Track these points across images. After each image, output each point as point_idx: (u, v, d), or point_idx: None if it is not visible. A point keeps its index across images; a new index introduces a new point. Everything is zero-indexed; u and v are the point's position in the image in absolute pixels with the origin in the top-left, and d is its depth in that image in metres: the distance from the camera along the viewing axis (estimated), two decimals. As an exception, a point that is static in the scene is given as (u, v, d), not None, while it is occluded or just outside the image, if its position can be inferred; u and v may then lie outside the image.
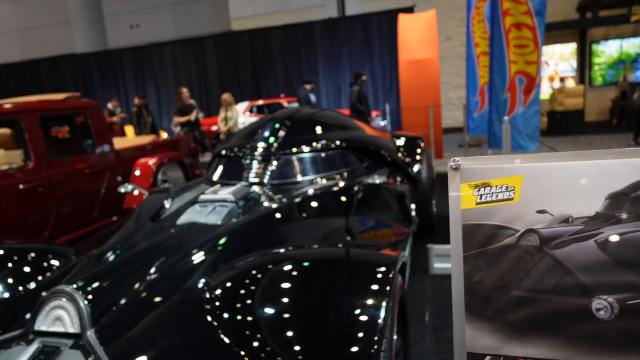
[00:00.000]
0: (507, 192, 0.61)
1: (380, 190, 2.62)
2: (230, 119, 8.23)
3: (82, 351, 1.28)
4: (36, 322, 1.38)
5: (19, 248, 1.94)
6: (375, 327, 1.20)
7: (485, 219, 0.63)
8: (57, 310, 1.37)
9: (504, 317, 0.60)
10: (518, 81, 6.33)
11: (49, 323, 1.37)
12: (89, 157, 4.68)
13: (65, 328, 1.35)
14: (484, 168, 0.61)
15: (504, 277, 0.61)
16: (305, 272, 1.45)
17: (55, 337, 1.35)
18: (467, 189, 0.63)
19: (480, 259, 0.62)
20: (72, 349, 1.30)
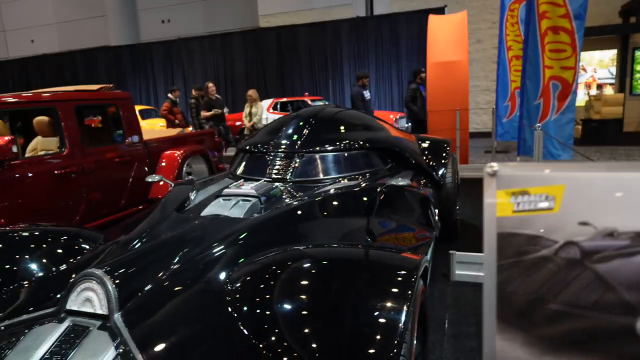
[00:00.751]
0: (547, 201, 0.58)
1: (404, 193, 2.60)
2: (255, 115, 8.29)
3: (109, 332, 1.33)
4: (68, 301, 1.44)
5: (53, 230, 2.01)
6: (396, 331, 1.19)
7: (521, 228, 0.60)
8: (87, 292, 1.43)
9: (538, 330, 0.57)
10: (552, 87, 6.15)
11: (79, 303, 1.42)
12: (119, 147, 4.80)
13: (94, 309, 1.40)
14: (523, 175, 0.59)
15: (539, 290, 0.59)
16: (326, 271, 1.45)
17: (85, 317, 1.41)
18: (504, 196, 0.61)
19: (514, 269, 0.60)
20: (99, 329, 1.35)
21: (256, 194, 2.31)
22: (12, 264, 1.76)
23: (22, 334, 1.38)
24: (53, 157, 4.08)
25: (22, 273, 1.73)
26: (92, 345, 1.30)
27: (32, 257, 1.78)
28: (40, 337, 1.35)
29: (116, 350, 1.27)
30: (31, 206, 3.79)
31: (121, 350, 1.27)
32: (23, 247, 1.83)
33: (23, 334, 1.37)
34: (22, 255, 1.79)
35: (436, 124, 6.60)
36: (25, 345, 1.33)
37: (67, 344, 1.30)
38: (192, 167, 5.70)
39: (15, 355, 1.29)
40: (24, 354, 1.29)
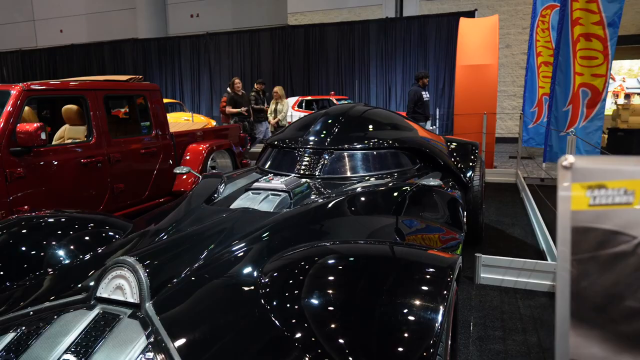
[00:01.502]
0: (626, 195, 0.56)
1: (434, 193, 2.56)
2: (280, 112, 8.32)
3: (140, 321, 1.31)
4: (98, 289, 1.41)
5: (81, 217, 2.03)
6: (433, 330, 1.15)
7: (597, 222, 0.58)
8: (119, 279, 1.41)
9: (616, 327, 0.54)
10: (582, 94, 6.01)
11: (110, 291, 1.40)
12: (146, 138, 4.86)
13: (125, 297, 1.39)
14: (600, 168, 0.56)
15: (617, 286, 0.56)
16: (360, 267, 1.41)
17: (115, 304, 1.40)
18: (579, 189, 0.58)
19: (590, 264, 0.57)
20: (130, 318, 1.33)
21: (286, 188, 2.30)
22: (39, 250, 1.76)
23: (50, 320, 1.37)
24: (80, 146, 4.15)
25: (49, 259, 1.73)
26: (122, 333, 1.28)
27: (60, 243, 1.79)
28: (70, 324, 1.34)
29: (147, 339, 1.25)
30: (56, 193, 3.85)
31: (152, 339, 1.25)
32: (51, 234, 1.84)
33: (52, 320, 1.36)
34: (49, 241, 1.79)
35: (463, 127, 6.50)
36: (54, 331, 1.31)
37: (96, 331, 1.29)
38: (216, 161, 5.75)
39: (44, 341, 1.28)
40: (52, 340, 1.28)
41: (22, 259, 1.72)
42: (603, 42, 5.73)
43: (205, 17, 16.14)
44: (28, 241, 1.79)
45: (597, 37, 5.76)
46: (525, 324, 2.49)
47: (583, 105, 5.98)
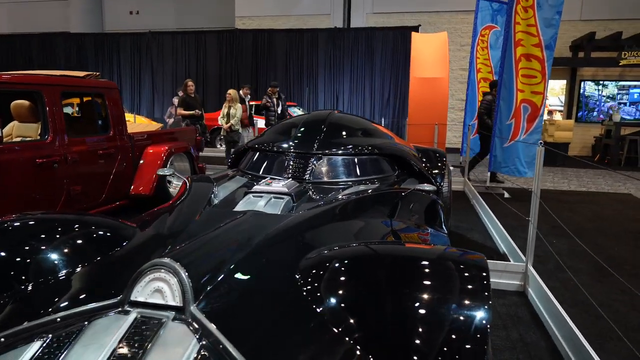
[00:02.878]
0: None
1: (427, 198, 2.69)
2: (233, 117, 8.18)
3: (187, 324, 1.26)
4: (133, 292, 1.34)
5: (89, 220, 1.88)
6: (486, 334, 1.18)
7: None
8: (157, 282, 1.33)
9: None
10: (523, 109, 6.56)
11: (148, 294, 1.33)
12: (104, 138, 4.60)
13: (165, 300, 1.32)
14: None
15: None
16: (400, 267, 1.45)
17: (153, 308, 1.33)
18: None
19: None
20: (175, 321, 1.27)
21: (288, 191, 2.31)
22: (41, 254, 1.62)
23: (81, 326, 1.28)
24: (35, 145, 3.85)
25: (54, 264, 1.59)
26: (170, 337, 1.23)
27: (72, 246, 1.67)
28: (106, 330, 1.26)
29: (199, 341, 1.21)
30: (7, 195, 3.54)
31: (205, 342, 1.21)
32: (54, 237, 1.71)
33: (82, 326, 1.28)
34: (53, 245, 1.65)
35: (415, 136, 6.82)
36: (88, 338, 1.24)
37: (139, 336, 1.22)
38: (174, 165, 5.54)
39: (81, 349, 1.20)
40: (89, 347, 1.20)
41: (21, 264, 1.58)
42: (541, 62, 6.30)
43: (146, 14, 15.48)
44: (29, 245, 1.65)
45: (536, 57, 6.33)
46: (505, 321, 2.69)
47: (524, 120, 6.52)
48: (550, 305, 2.61)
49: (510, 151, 6.71)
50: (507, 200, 6.05)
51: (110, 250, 1.71)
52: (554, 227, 4.45)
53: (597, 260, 3.40)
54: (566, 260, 3.63)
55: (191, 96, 7.77)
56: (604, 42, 11.88)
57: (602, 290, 3.20)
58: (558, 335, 2.40)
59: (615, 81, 12.51)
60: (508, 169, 6.80)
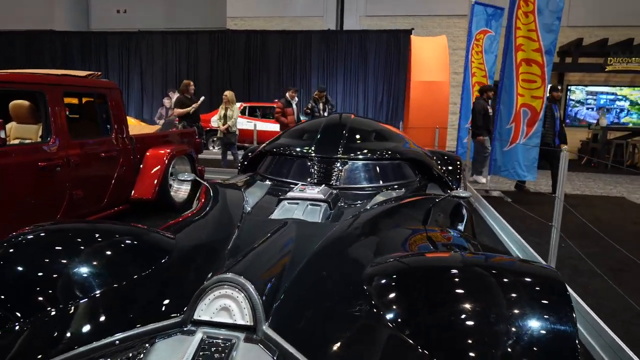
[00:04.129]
0: None
1: (458, 206, 2.65)
2: (230, 118, 8.06)
3: (262, 345, 1.18)
4: (196, 311, 1.26)
5: (121, 230, 1.76)
6: (575, 349, 1.12)
7: None
8: (223, 299, 1.25)
9: None
10: (523, 113, 6.62)
11: (213, 313, 1.25)
12: (106, 141, 4.45)
13: (233, 319, 1.24)
14: None
15: None
16: (472, 278, 1.37)
17: (218, 327, 1.24)
18: None
19: None
20: (247, 342, 1.19)
21: (325, 198, 2.24)
22: (89, 267, 1.49)
23: (142, 348, 1.19)
24: (37, 147, 3.69)
25: (101, 279, 1.45)
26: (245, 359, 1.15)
27: (110, 260, 1.54)
28: (172, 352, 1.17)
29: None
30: (8, 201, 3.37)
31: None
32: (98, 249, 1.57)
33: (144, 348, 1.19)
34: (97, 258, 1.52)
35: (415, 139, 6.81)
36: (155, 359, 1.16)
37: (209, 359, 1.14)
38: (175, 168, 5.40)
39: None
40: None
41: (57, 281, 1.46)
42: (541, 67, 6.36)
43: (134, 13, 15.19)
44: (64, 259, 1.51)
45: (536, 62, 6.39)
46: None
47: (524, 124, 6.57)
48: (581, 311, 2.59)
49: (510, 155, 6.76)
50: (509, 204, 6.07)
51: (151, 263, 1.59)
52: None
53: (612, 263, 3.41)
54: (577, 263, 3.64)
55: (188, 97, 7.61)
56: (591, 49, 12.14)
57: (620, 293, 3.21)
58: (593, 344, 2.38)
59: (601, 86, 12.77)
60: (508, 172, 6.84)
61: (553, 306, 1.24)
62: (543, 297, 1.27)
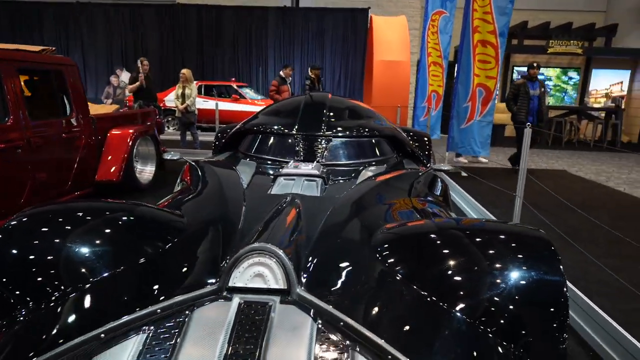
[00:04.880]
0: None
1: (438, 180, 2.79)
2: (189, 97, 7.80)
3: (297, 306, 1.26)
4: (231, 278, 1.30)
5: (144, 208, 1.73)
6: (566, 300, 1.25)
7: None
8: (256, 267, 1.31)
9: None
10: (478, 92, 6.94)
11: (247, 280, 1.31)
12: (67, 121, 4.20)
13: (267, 284, 1.30)
14: None
15: None
16: (471, 240, 1.46)
17: (252, 293, 1.29)
18: None
19: None
20: (283, 304, 1.26)
21: (319, 174, 2.30)
22: (114, 242, 1.48)
23: (183, 315, 1.21)
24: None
25: (128, 254, 1.45)
26: (285, 320, 1.20)
27: (132, 236, 1.52)
28: (214, 317, 1.21)
29: (315, 321, 1.21)
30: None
31: (321, 321, 1.21)
32: (117, 225, 1.56)
33: (185, 315, 1.21)
34: (119, 234, 1.52)
35: (378, 119, 6.97)
36: (198, 327, 1.18)
37: (251, 322, 1.18)
38: (138, 149, 5.20)
39: (194, 337, 1.14)
40: (203, 335, 1.15)
41: (90, 255, 1.42)
42: (495, 49, 6.67)
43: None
44: (92, 234, 1.47)
45: (491, 44, 6.68)
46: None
47: (479, 102, 6.89)
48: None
49: (466, 132, 7.09)
50: (467, 179, 6.38)
51: (168, 240, 1.59)
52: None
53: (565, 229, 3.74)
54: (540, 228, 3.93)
55: (143, 75, 7.27)
56: (534, 31, 12.81)
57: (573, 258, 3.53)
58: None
59: (544, 67, 13.53)
60: (464, 149, 7.19)
61: (542, 259, 1.36)
62: (533, 252, 1.40)
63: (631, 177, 7.69)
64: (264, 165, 2.74)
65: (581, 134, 12.27)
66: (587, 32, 12.88)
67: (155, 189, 5.24)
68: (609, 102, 13.13)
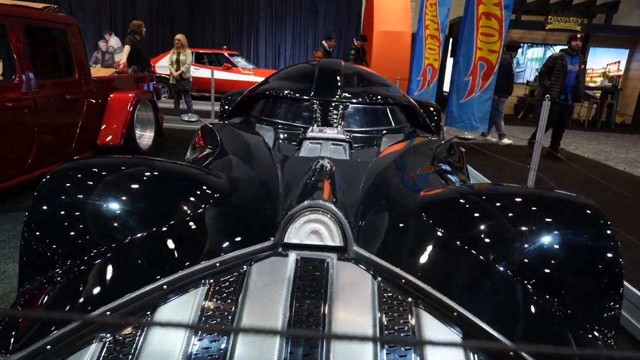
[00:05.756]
0: None
1: (457, 148, 2.81)
2: (184, 63, 7.63)
3: (355, 262, 1.27)
4: (286, 234, 1.31)
5: (188, 167, 1.72)
6: (621, 268, 1.24)
7: None
8: (312, 224, 1.32)
9: None
10: (480, 66, 6.94)
11: (303, 236, 1.31)
12: (71, 82, 4.09)
13: (322, 241, 1.31)
14: None
15: None
16: (517, 204, 1.45)
17: (308, 250, 1.30)
18: None
19: None
20: (341, 260, 1.27)
21: (345, 138, 2.29)
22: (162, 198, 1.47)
23: (241, 269, 1.23)
24: (3, 86, 3.33)
25: (179, 209, 1.43)
26: (344, 276, 1.22)
27: (179, 190, 1.51)
28: (274, 272, 1.22)
29: (375, 278, 1.22)
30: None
31: (380, 277, 1.23)
32: (166, 179, 1.56)
33: (242, 269, 1.23)
34: (168, 188, 1.52)
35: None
36: (258, 280, 1.20)
37: (311, 278, 1.20)
38: (136, 114, 5.09)
39: (256, 291, 1.16)
40: (263, 289, 1.17)
41: (139, 210, 1.40)
42: (499, 21, 6.63)
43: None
44: (142, 189, 1.46)
45: (495, 16, 6.64)
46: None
47: (480, 77, 6.89)
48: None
49: (465, 107, 7.12)
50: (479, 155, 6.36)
51: (212, 198, 1.55)
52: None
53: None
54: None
55: (138, 39, 7.05)
56: (533, 6, 12.69)
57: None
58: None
59: (539, 44, 13.54)
60: (463, 123, 7.22)
61: (593, 222, 1.37)
62: (583, 214, 1.40)
63: (630, 156, 7.83)
64: (282, 130, 2.73)
65: (575, 113, 12.40)
66: (587, 8, 12.73)
67: (154, 154, 5.18)
68: (605, 81, 13.16)
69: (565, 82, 6.29)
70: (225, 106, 3.94)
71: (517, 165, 4.35)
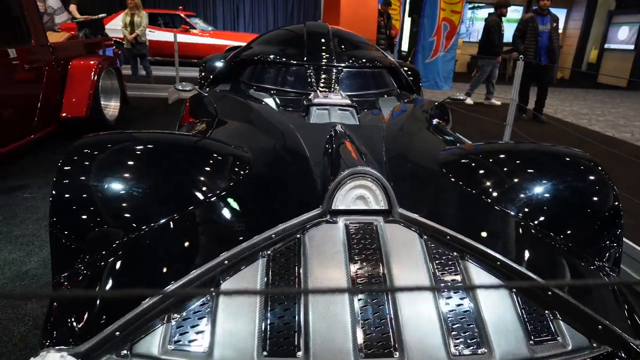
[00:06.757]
0: None
1: (447, 108, 2.89)
2: (139, 26, 7.16)
3: (401, 224, 1.33)
4: (334, 202, 1.34)
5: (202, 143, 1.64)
6: (620, 208, 1.42)
7: None
8: (357, 190, 1.35)
9: None
10: (443, 27, 7.01)
11: (349, 202, 1.35)
12: (28, 49, 3.76)
13: (368, 206, 1.36)
14: None
15: None
16: (529, 154, 1.62)
17: (354, 215, 1.35)
18: None
19: None
20: (387, 223, 1.33)
21: (352, 103, 2.30)
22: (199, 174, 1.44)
23: (295, 239, 1.25)
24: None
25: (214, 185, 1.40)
26: (394, 237, 1.27)
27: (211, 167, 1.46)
28: (328, 238, 1.26)
29: (421, 236, 1.30)
30: None
31: (426, 235, 1.30)
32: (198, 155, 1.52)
33: (296, 239, 1.25)
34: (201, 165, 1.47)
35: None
36: (314, 247, 1.23)
37: (364, 241, 1.25)
38: (101, 83, 4.79)
39: (314, 257, 1.20)
40: (321, 256, 1.20)
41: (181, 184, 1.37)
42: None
43: None
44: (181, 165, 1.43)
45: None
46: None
47: (443, 37, 6.98)
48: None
49: (431, 67, 7.23)
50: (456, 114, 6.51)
51: (244, 168, 1.52)
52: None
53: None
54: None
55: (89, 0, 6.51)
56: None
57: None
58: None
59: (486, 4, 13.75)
60: (429, 83, 7.36)
61: (594, 173, 1.54)
62: (583, 164, 1.58)
63: (573, 109, 8.31)
64: (278, 96, 2.67)
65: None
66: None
67: (123, 126, 4.94)
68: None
69: (539, 44, 6.24)
70: (203, 72, 3.79)
71: (494, 122, 4.53)
